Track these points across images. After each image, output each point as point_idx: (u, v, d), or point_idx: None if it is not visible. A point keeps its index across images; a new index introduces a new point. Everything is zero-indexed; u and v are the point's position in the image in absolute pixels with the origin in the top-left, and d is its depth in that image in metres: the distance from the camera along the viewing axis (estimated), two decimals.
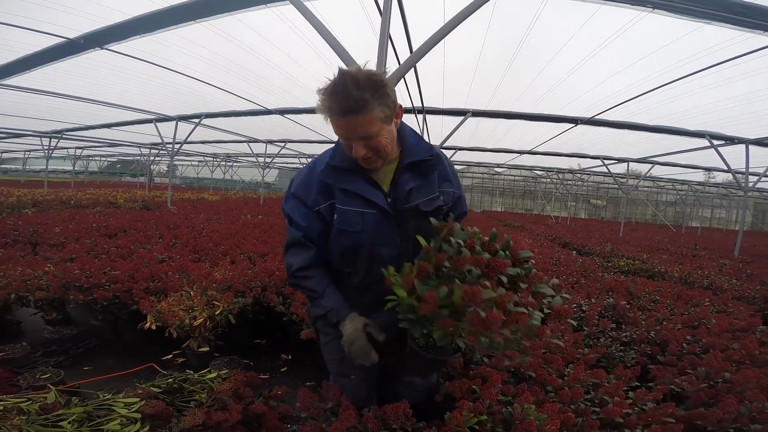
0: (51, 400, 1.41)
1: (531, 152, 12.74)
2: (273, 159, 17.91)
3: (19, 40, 5.27)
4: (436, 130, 10.55)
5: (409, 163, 1.22)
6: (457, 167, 18.66)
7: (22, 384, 1.92)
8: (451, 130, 8.80)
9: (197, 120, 10.24)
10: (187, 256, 3.86)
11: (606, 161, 12.71)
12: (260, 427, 1.52)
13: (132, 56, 5.79)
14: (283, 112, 9.40)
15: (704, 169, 14.27)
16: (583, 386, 1.56)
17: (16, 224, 5.09)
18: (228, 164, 25.53)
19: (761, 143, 8.06)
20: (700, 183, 18.84)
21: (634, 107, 6.93)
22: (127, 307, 2.72)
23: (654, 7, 3.67)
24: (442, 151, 1.35)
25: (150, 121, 10.46)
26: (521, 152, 13.32)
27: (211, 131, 12.13)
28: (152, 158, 20.89)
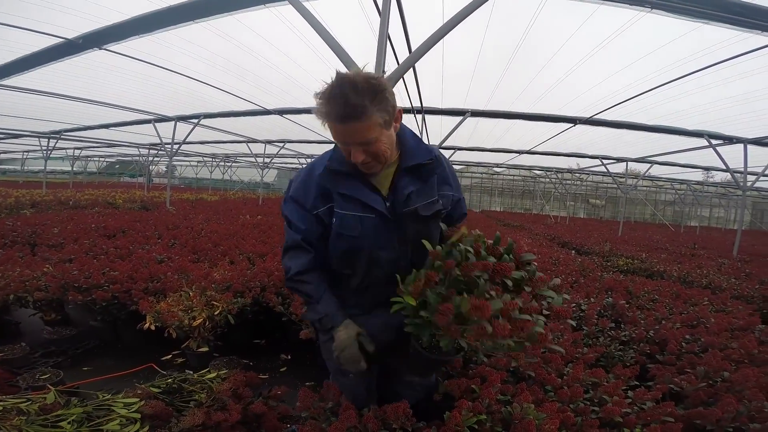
0: (50, 400, 1.41)
1: (530, 152, 12.74)
2: (272, 159, 17.91)
3: (17, 41, 5.25)
4: (435, 130, 10.56)
5: (408, 166, 1.21)
6: (456, 167, 18.67)
7: (21, 384, 1.92)
8: (450, 130, 8.79)
9: (196, 120, 10.23)
10: (186, 256, 3.85)
11: (605, 161, 12.73)
12: (260, 427, 1.52)
13: (130, 56, 5.78)
14: (281, 113, 9.39)
15: (703, 169, 14.28)
16: (582, 385, 1.56)
17: (15, 225, 5.08)
18: (227, 164, 25.51)
19: (759, 143, 8.08)
20: (698, 182, 18.86)
21: (633, 107, 6.93)
22: (126, 308, 2.72)
23: (652, 7, 3.67)
24: (442, 152, 1.34)
25: (149, 121, 10.44)
26: (520, 152, 13.33)
27: (209, 131, 12.13)
28: (151, 159, 20.85)
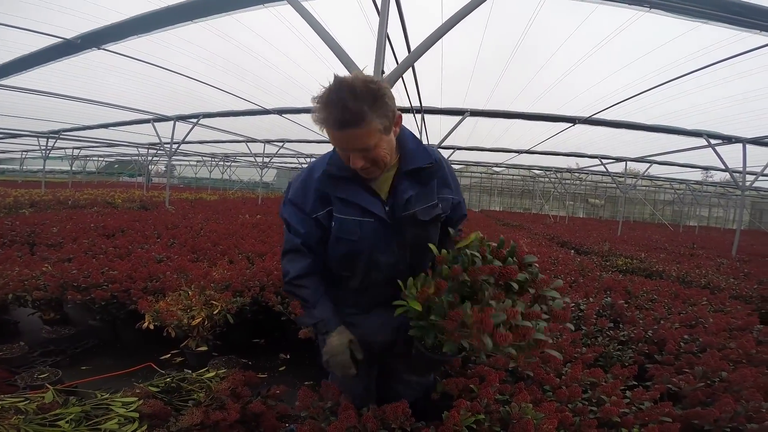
0: (49, 399, 1.41)
1: (529, 152, 12.75)
2: (271, 159, 17.90)
3: (16, 41, 5.24)
4: (435, 130, 10.56)
5: (408, 170, 1.19)
6: (456, 167, 18.68)
7: (19, 384, 1.92)
8: (449, 129, 8.79)
9: (195, 120, 10.22)
10: (185, 255, 3.85)
11: (604, 160, 12.75)
12: (258, 427, 1.52)
13: (129, 56, 5.77)
14: (281, 112, 9.39)
15: (702, 168, 14.29)
16: (580, 385, 1.56)
17: (14, 224, 5.07)
18: (226, 164, 25.47)
19: (758, 142, 8.09)
20: (697, 182, 18.88)
21: (632, 107, 6.94)
22: (125, 307, 2.72)
23: (651, 6, 3.68)
24: (442, 154, 1.33)
25: (148, 121, 10.43)
26: (519, 152, 13.34)
27: (209, 131, 12.12)
28: (150, 158, 20.85)
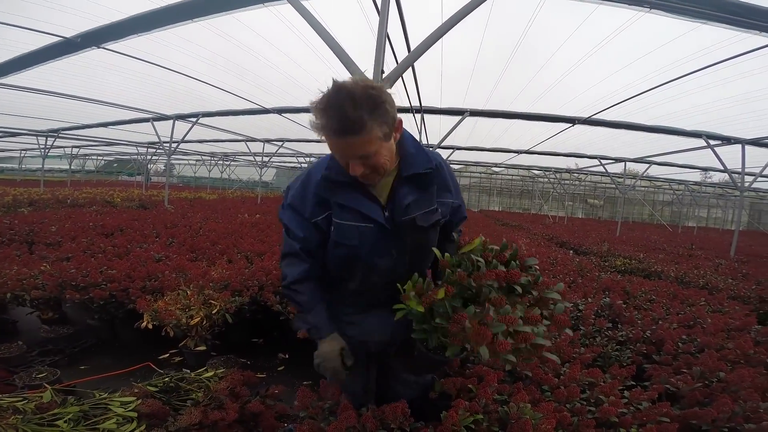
0: (47, 399, 1.41)
1: (528, 152, 12.77)
2: (270, 158, 17.89)
3: (15, 39, 5.24)
4: (434, 130, 10.56)
5: (408, 175, 1.17)
6: (455, 167, 18.69)
7: (18, 383, 1.92)
8: (448, 129, 8.81)
9: (194, 119, 10.21)
10: (184, 255, 3.84)
11: (603, 161, 12.76)
12: (257, 426, 1.52)
13: (129, 55, 5.77)
14: (281, 112, 9.39)
15: (701, 169, 14.31)
16: (578, 385, 1.56)
17: (12, 223, 5.06)
18: (225, 163, 25.47)
19: (757, 143, 8.11)
20: (696, 183, 18.93)
21: (631, 107, 6.95)
22: (124, 306, 2.71)
23: (651, 7, 3.68)
24: (442, 156, 1.32)
25: (147, 120, 10.42)
26: (519, 152, 13.36)
27: (208, 130, 12.11)
28: (149, 157, 20.84)
